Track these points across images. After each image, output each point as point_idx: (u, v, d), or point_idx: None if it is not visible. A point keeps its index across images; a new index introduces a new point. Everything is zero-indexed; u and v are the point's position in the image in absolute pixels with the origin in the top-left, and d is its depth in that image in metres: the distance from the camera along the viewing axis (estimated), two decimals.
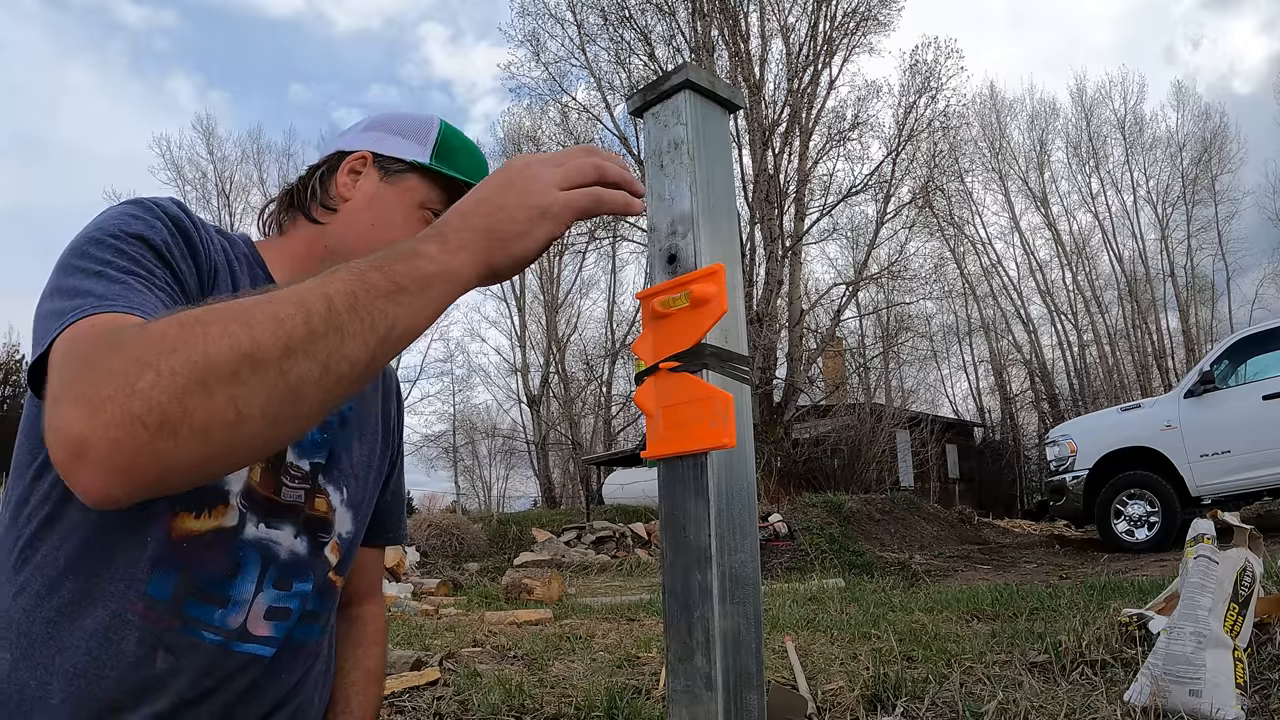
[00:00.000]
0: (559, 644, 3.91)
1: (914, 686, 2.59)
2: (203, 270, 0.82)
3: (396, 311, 0.58)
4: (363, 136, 1.01)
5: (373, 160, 0.99)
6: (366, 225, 0.96)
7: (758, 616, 0.70)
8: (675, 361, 0.71)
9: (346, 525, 0.97)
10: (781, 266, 16.85)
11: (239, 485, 0.82)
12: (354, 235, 0.96)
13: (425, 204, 0.98)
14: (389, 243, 0.81)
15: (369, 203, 0.97)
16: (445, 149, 1.00)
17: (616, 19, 17.93)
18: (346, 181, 0.98)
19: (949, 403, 31.17)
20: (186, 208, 0.85)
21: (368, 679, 1.08)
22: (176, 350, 0.52)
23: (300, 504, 0.89)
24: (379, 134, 1.00)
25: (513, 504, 31.61)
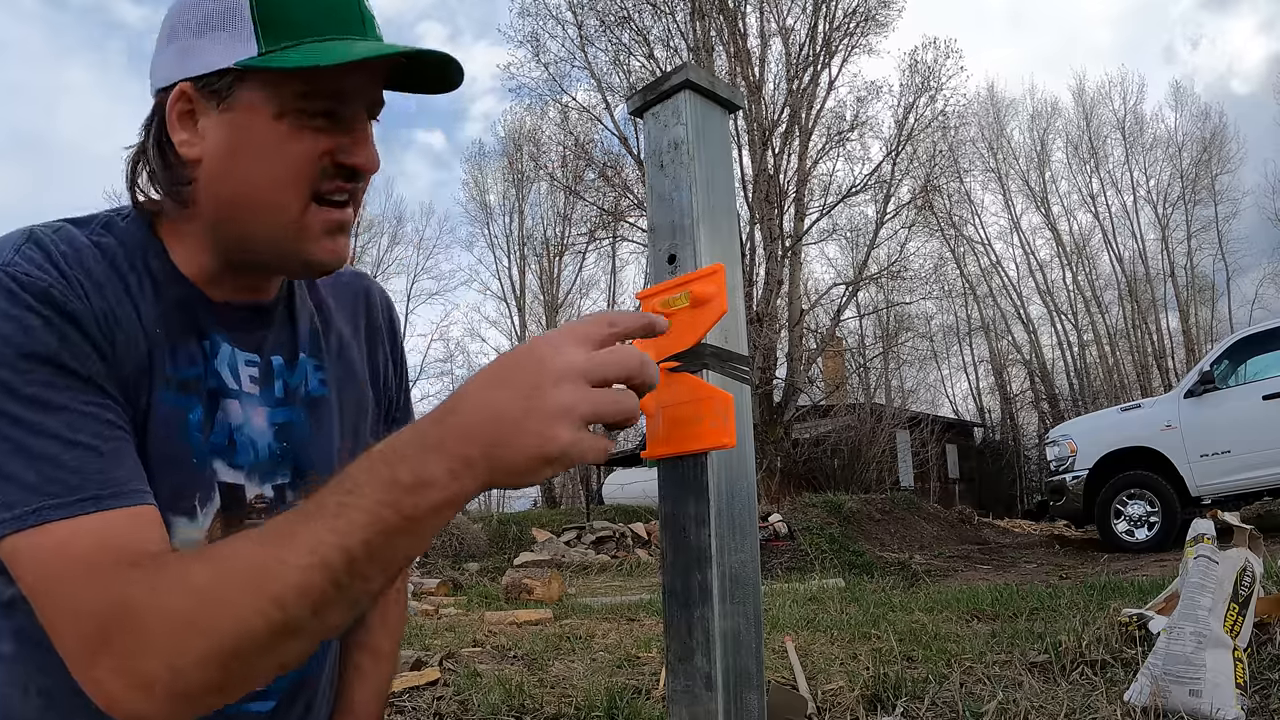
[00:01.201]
0: (559, 644, 3.91)
1: (914, 686, 2.59)
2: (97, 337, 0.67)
3: (410, 543, 0.58)
4: (168, 57, 0.72)
5: (194, 90, 0.70)
6: (239, 181, 0.71)
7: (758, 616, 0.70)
8: (675, 361, 0.71)
9: None
10: (781, 266, 16.86)
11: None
12: (233, 200, 0.72)
13: (283, 111, 0.70)
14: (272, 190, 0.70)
15: (223, 150, 0.71)
16: (270, 11, 0.69)
17: (615, 19, 17.94)
18: (185, 137, 0.71)
19: (949, 403, 31.19)
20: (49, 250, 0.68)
21: (375, 659, 0.96)
22: (209, 633, 0.55)
23: None
24: (182, 44, 0.71)
25: (513, 504, 31.55)
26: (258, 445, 0.78)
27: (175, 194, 0.74)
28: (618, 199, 18.86)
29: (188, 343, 0.74)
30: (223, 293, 0.77)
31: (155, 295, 0.73)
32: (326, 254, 0.75)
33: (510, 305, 29.37)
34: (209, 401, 0.74)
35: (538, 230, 28.65)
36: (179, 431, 0.72)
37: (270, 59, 0.68)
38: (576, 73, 19.16)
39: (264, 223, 0.72)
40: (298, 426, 0.82)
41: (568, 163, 20.21)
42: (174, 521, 0.70)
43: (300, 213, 0.72)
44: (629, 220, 18.94)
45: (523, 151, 26.19)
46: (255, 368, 0.79)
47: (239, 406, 0.77)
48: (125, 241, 0.74)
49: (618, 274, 29.15)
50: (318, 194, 0.72)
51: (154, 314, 0.72)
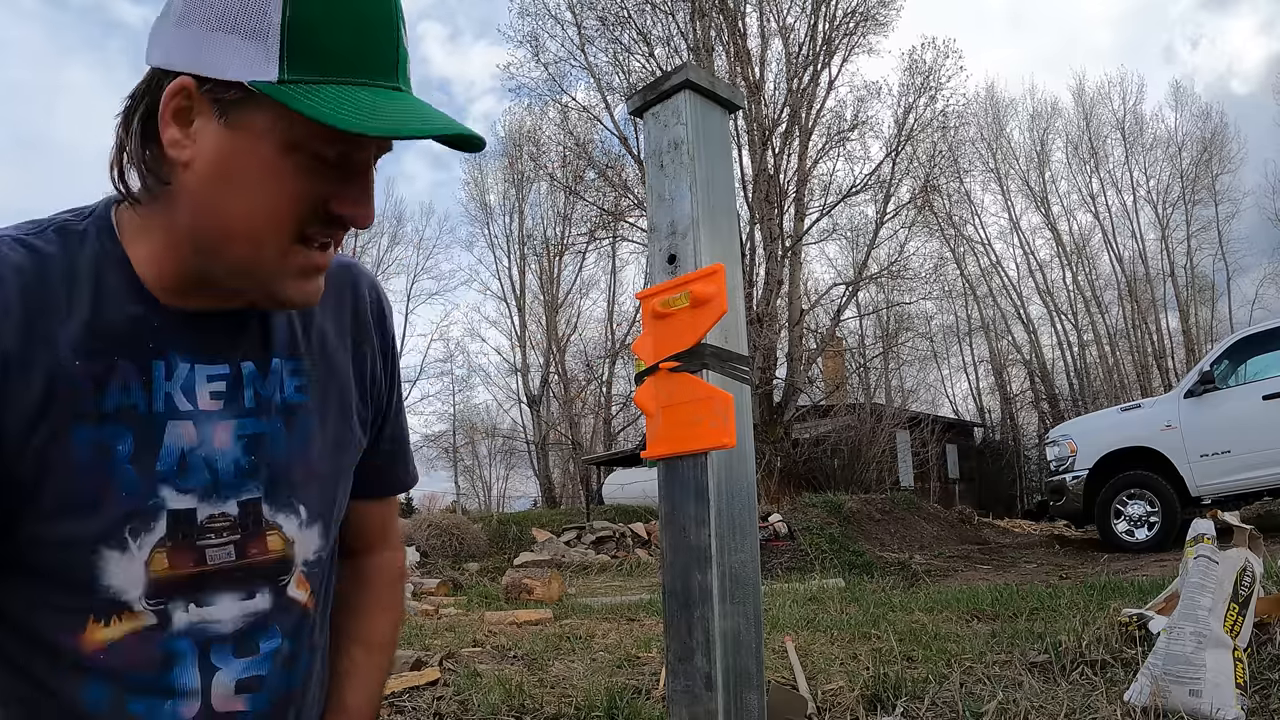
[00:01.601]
0: (559, 644, 3.91)
1: (914, 686, 2.59)
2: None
3: None
4: (178, 38, 0.63)
5: (198, 90, 0.62)
6: (218, 204, 0.65)
7: (758, 616, 0.70)
8: (675, 361, 0.71)
9: (313, 545, 0.80)
10: (781, 266, 16.86)
11: (138, 589, 0.69)
12: (213, 222, 0.66)
13: (294, 144, 0.63)
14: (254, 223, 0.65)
15: (213, 170, 0.64)
16: (302, 37, 0.61)
17: (615, 19, 17.94)
18: (176, 136, 0.64)
19: (949, 403, 31.19)
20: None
21: (368, 651, 0.91)
22: None
23: (235, 562, 0.73)
24: (197, 30, 0.62)
25: (513, 504, 31.62)
26: (216, 464, 0.73)
27: (147, 186, 0.68)
28: (618, 199, 18.87)
29: (122, 369, 0.69)
30: (187, 301, 0.72)
31: (91, 318, 0.68)
32: (299, 294, 0.71)
33: (510, 305, 29.38)
34: (148, 428, 0.69)
35: (538, 230, 28.67)
36: (101, 464, 0.67)
37: (293, 96, 0.60)
38: (576, 73, 19.20)
39: (240, 252, 0.67)
40: (270, 437, 0.76)
41: (568, 163, 20.21)
42: (104, 555, 0.68)
43: (282, 251, 0.67)
44: (629, 220, 18.95)
45: (523, 151, 26.19)
46: (222, 381, 0.74)
47: (192, 427, 0.72)
48: (73, 253, 0.69)
49: (618, 274, 29.17)
50: (303, 235, 0.67)
51: (79, 343, 0.67)
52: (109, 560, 0.68)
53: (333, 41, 0.61)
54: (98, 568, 0.67)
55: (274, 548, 0.76)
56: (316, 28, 0.61)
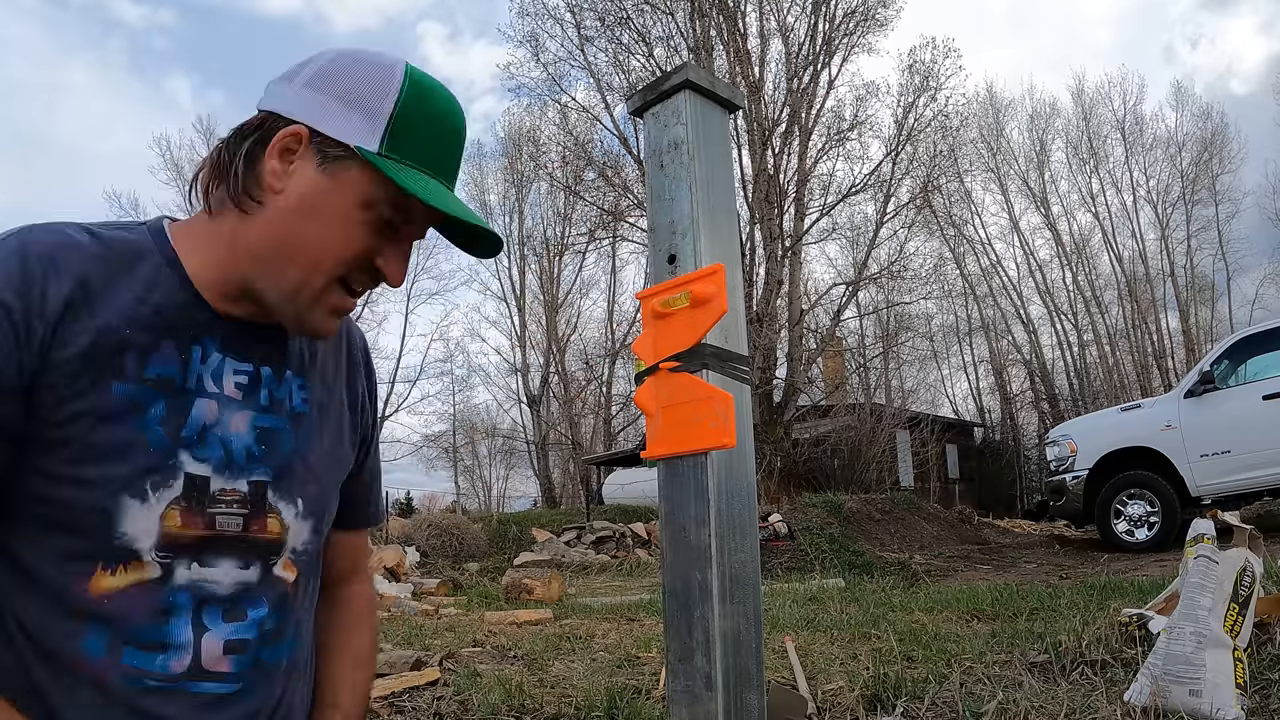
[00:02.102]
0: (559, 644, 3.91)
1: (914, 686, 2.59)
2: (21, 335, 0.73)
3: None
4: (303, 96, 0.80)
5: (309, 139, 0.78)
6: (294, 230, 0.79)
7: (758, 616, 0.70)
8: (675, 361, 0.71)
9: (303, 537, 0.89)
10: (781, 266, 16.85)
11: (150, 539, 0.76)
12: (280, 241, 0.79)
13: (370, 203, 0.79)
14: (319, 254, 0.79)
15: (301, 202, 0.78)
16: (403, 127, 0.79)
17: (615, 19, 17.93)
18: (276, 168, 0.78)
19: (949, 403, 31.19)
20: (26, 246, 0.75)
21: (355, 663, 1.01)
22: None
23: (240, 532, 0.82)
24: (321, 98, 0.79)
25: (513, 504, 31.63)
26: (231, 444, 0.83)
27: (238, 202, 0.80)
28: (618, 199, 18.87)
29: (164, 346, 0.80)
30: (227, 306, 0.84)
31: (143, 299, 0.79)
32: (323, 326, 0.84)
33: (510, 305, 29.38)
34: (179, 399, 0.79)
35: (538, 230, 28.67)
36: (131, 421, 0.76)
37: (386, 165, 0.77)
38: (576, 73, 19.23)
39: (295, 275, 0.80)
40: (280, 433, 0.87)
41: (568, 163, 20.21)
42: (124, 502, 0.75)
43: (324, 286, 0.81)
44: (629, 220, 18.95)
45: (522, 151, 26.21)
46: (245, 376, 0.85)
47: (215, 407, 0.82)
48: (138, 243, 0.81)
49: (618, 274, 29.17)
50: (344, 278, 0.82)
51: (133, 315, 0.78)
52: (128, 508, 0.75)
53: (420, 138, 0.80)
54: (116, 514, 0.75)
55: (272, 529, 0.85)
56: (413, 125, 0.80)
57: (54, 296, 0.74)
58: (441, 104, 0.82)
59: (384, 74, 0.80)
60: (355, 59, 0.81)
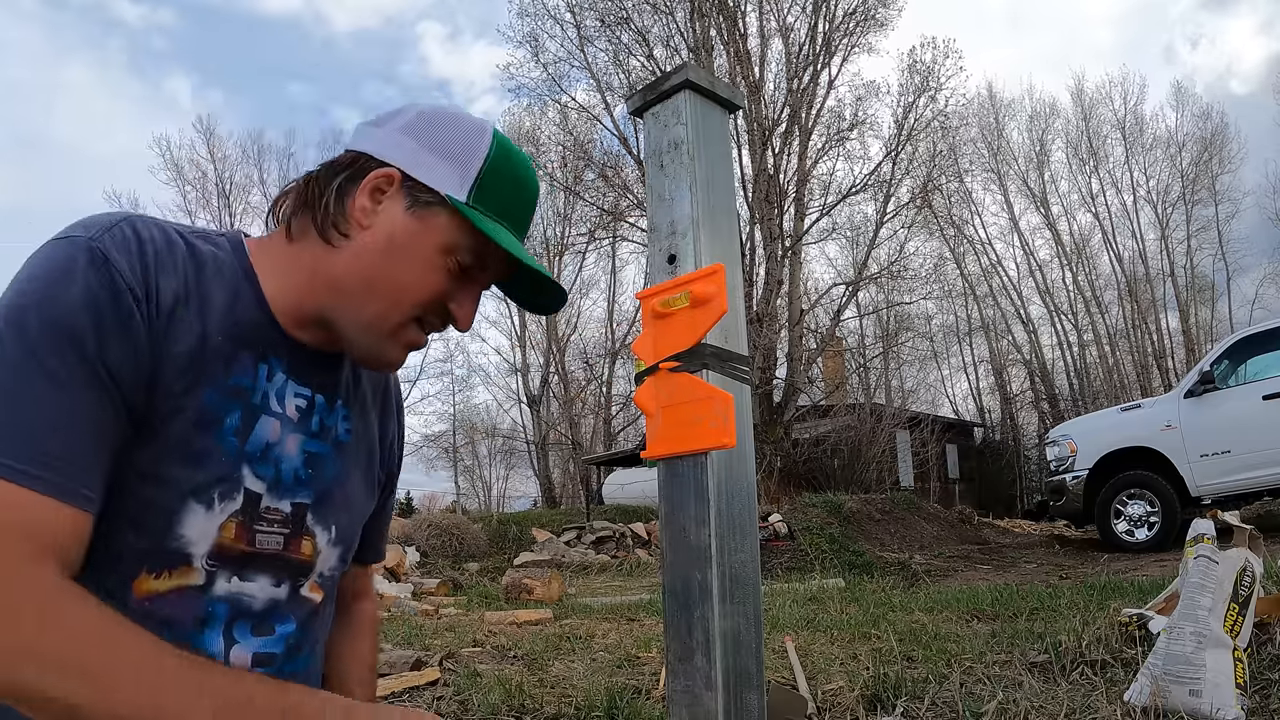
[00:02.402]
0: (559, 644, 3.91)
1: (914, 686, 2.60)
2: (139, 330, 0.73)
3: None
4: (397, 141, 0.84)
5: (400, 182, 0.83)
6: (379, 266, 0.83)
7: (758, 616, 0.70)
8: (675, 361, 0.71)
9: (331, 562, 0.92)
10: (781, 266, 16.85)
11: (205, 546, 0.78)
12: (363, 275, 0.83)
13: (451, 248, 0.84)
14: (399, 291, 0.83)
15: (388, 240, 0.82)
16: (490, 184, 0.84)
17: (615, 19, 17.93)
18: (366, 205, 0.83)
19: (949, 403, 31.18)
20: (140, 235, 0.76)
21: (367, 671, 1.07)
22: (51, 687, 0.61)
23: (279, 551, 0.85)
24: (415, 145, 0.84)
25: (513, 504, 31.63)
26: (282, 464, 0.85)
27: (325, 234, 0.83)
28: (618, 199, 18.87)
29: (242, 358, 0.82)
30: (296, 330, 0.86)
31: (230, 309, 0.81)
32: (394, 360, 0.88)
33: (510, 305, 29.34)
34: (249, 413, 0.81)
35: (538, 230, 28.64)
36: (213, 428, 0.78)
37: (472, 214, 0.82)
38: (576, 73, 19.21)
39: (374, 309, 0.83)
40: (325, 460, 0.90)
41: (567, 163, 20.21)
42: (191, 507, 0.76)
43: (401, 322, 0.85)
44: (629, 220, 18.95)
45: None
46: (304, 400, 0.88)
47: (277, 426, 0.84)
48: (221, 255, 0.83)
49: (618, 274, 29.18)
50: (419, 318, 0.86)
51: (223, 323, 0.80)
52: (193, 513, 0.76)
53: (502, 195, 0.85)
54: (182, 517, 0.76)
55: (305, 551, 0.88)
56: (498, 182, 0.85)
57: (166, 291, 0.76)
58: (522, 166, 0.88)
59: (476, 132, 0.85)
60: (450, 114, 0.87)
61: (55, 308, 0.69)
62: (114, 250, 0.73)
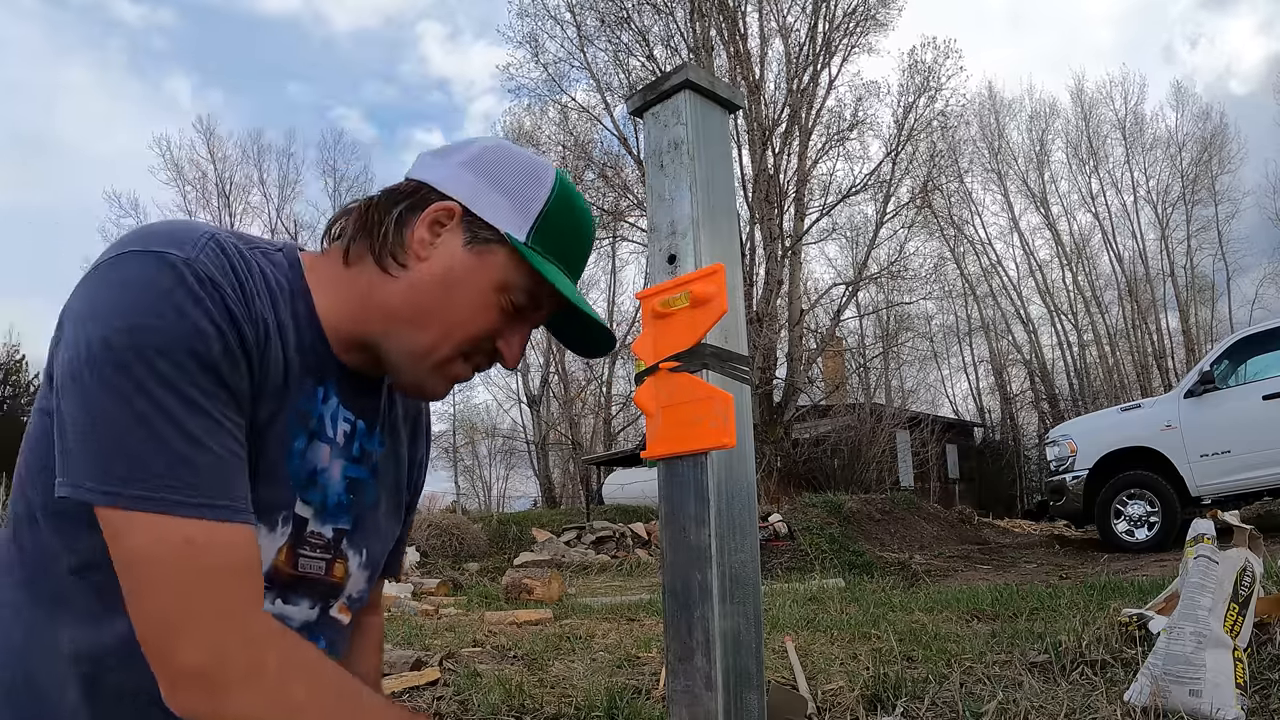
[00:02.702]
0: (559, 644, 3.91)
1: (914, 686, 2.59)
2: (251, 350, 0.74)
3: None
4: (459, 175, 0.84)
5: (461, 217, 0.83)
6: (434, 298, 0.82)
7: (758, 616, 0.70)
8: (675, 361, 0.71)
9: (360, 585, 0.93)
10: (781, 266, 16.85)
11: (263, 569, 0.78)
12: (417, 306, 0.82)
13: (506, 287, 0.83)
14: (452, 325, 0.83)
15: (445, 273, 0.82)
16: (549, 225, 0.84)
17: (614, 20, 17.93)
18: (425, 237, 0.82)
19: (949, 403, 31.18)
20: (229, 255, 0.75)
21: (375, 681, 1.08)
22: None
23: (319, 575, 0.86)
24: (478, 181, 0.84)
25: (513, 504, 31.62)
26: (328, 490, 0.85)
27: (382, 261, 0.83)
28: (618, 199, 18.86)
29: (309, 381, 0.82)
30: (344, 353, 0.86)
31: (297, 331, 0.81)
32: (438, 392, 0.88)
33: None
34: (310, 438, 0.82)
35: None
36: (285, 453, 0.79)
37: (530, 255, 0.82)
38: (576, 73, 19.17)
39: (425, 340, 0.83)
40: (364, 485, 0.90)
41: (567, 163, 20.21)
42: (259, 529, 0.76)
43: (451, 355, 0.85)
44: (629, 220, 18.95)
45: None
46: (349, 425, 0.88)
47: (326, 451, 0.84)
48: (283, 274, 0.82)
49: (618, 274, 29.16)
50: (466, 353, 0.86)
51: (296, 346, 0.80)
52: (259, 533, 0.76)
53: (561, 237, 0.85)
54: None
55: (337, 574, 0.88)
56: (558, 224, 0.84)
57: (260, 315, 0.75)
58: (581, 211, 0.88)
59: (539, 173, 0.85)
60: (513, 153, 0.87)
61: (177, 331, 0.68)
62: (215, 272, 0.72)
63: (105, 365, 0.66)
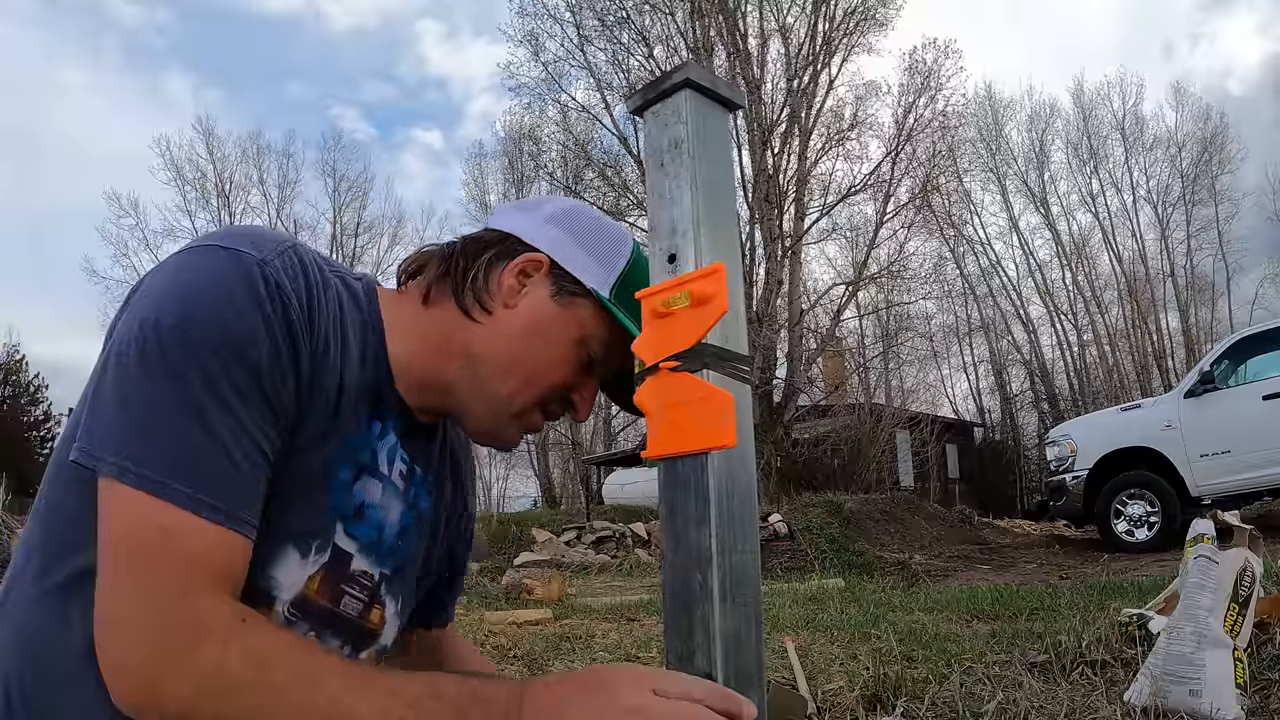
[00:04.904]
0: (559, 644, 3.91)
1: (914, 686, 2.59)
2: (304, 366, 0.73)
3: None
4: (545, 231, 0.86)
5: (549, 269, 0.84)
6: (519, 346, 0.83)
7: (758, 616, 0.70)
8: (675, 361, 0.71)
9: (391, 635, 0.91)
10: (781, 266, 16.85)
11: (290, 594, 0.76)
12: (502, 352, 0.83)
13: (586, 340, 0.85)
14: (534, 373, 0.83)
15: (531, 322, 0.83)
16: (627, 284, 0.85)
17: (614, 19, 17.92)
18: (513, 285, 0.84)
19: (949, 403, 31.17)
20: (306, 267, 0.75)
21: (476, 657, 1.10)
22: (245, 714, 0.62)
23: (356, 617, 0.83)
24: (563, 237, 0.86)
25: (513, 504, 31.59)
26: (384, 529, 0.84)
27: (466, 306, 0.83)
28: (617, 199, 18.85)
29: (363, 411, 0.81)
30: (413, 397, 0.85)
31: (362, 358, 0.80)
32: (512, 441, 0.88)
33: None
34: (357, 470, 0.80)
35: None
36: (326, 479, 0.77)
37: (614, 309, 0.83)
38: (575, 72, 19.15)
39: (507, 388, 0.83)
40: (411, 532, 0.89)
41: (567, 162, 20.21)
42: (288, 552, 0.75)
43: (531, 404, 0.85)
44: (629, 220, 18.93)
45: (522, 151, 26.14)
46: (405, 465, 0.87)
47: (379, 488, 0.83)
48: (359, 304, 0.82)
49: None
50: (543, 402, 0.86)
51: (354, 377, 0.79)
52: (288, 557, 0.75)
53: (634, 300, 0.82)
54: (276, 557, 0.74)
55: (374, 621, 0.86)
56: (634, 284, 0.82)
57: (323, 329, 0.74)
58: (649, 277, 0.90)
59: (620, 235, 0.89)
60: (594, 213, 0.91)
61: (230, 330, 0.67)
62: (285, 280, 0.72)
63: (151, 348, 0.66)
